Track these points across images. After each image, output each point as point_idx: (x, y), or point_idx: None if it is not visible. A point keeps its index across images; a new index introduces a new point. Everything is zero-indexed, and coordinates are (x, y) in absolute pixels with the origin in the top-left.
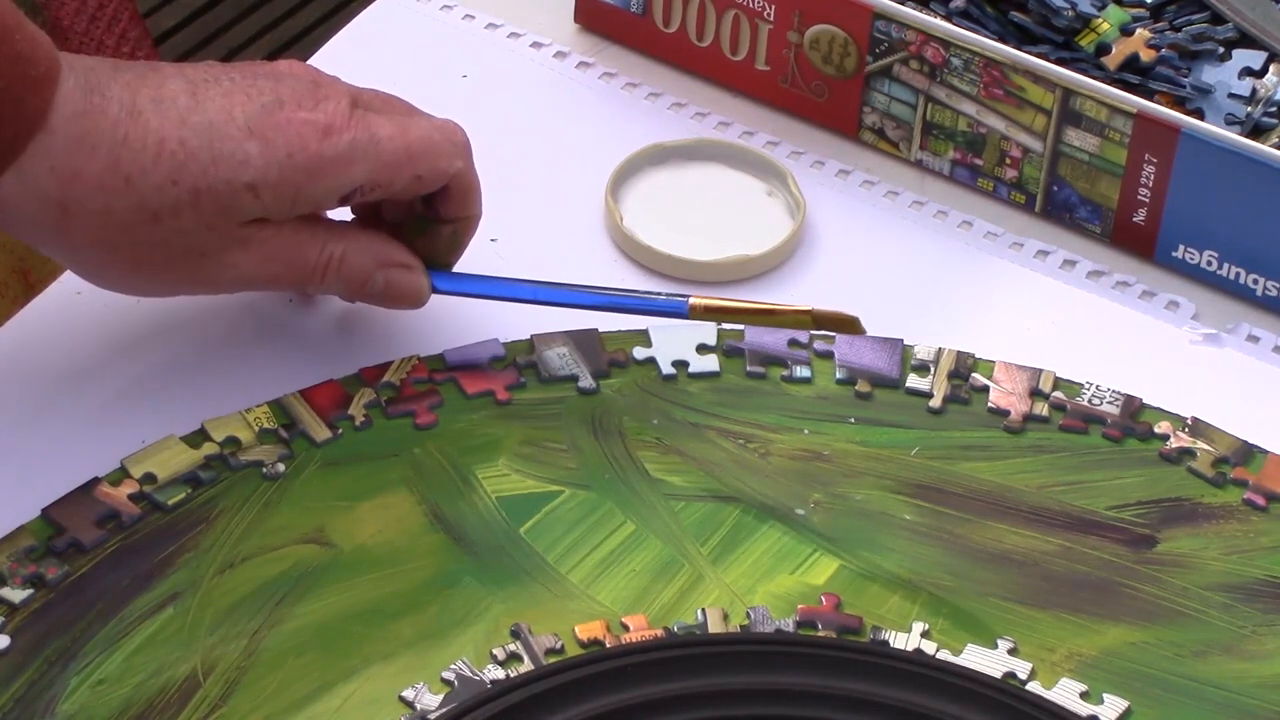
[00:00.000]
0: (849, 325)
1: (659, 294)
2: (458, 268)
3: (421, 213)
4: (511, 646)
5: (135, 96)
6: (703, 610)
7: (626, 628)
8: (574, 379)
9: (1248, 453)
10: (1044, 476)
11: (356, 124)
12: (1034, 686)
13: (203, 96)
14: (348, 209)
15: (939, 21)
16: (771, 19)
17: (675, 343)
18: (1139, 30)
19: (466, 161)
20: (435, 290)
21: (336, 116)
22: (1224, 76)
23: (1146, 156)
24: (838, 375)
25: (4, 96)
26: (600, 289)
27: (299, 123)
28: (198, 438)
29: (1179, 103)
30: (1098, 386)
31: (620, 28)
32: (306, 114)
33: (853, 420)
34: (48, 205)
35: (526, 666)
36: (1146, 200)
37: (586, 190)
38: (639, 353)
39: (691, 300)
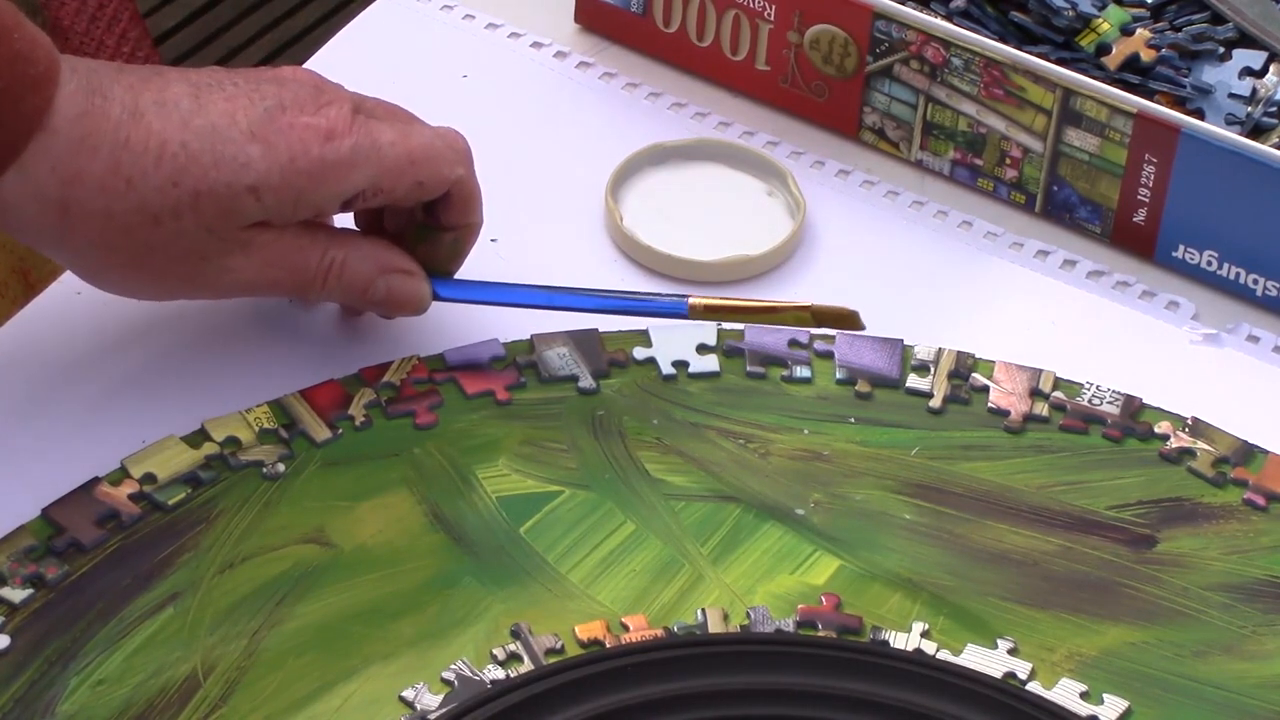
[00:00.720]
0: (849, 320)
1: (659, 295)
2: (459, 275)
3: (423, 220)
4: (511, 646)
5: (138, 99)
6: (703, 610)
7: (626, 628)
8: (574, 379)
9: (1248, 453)
10: (1044, 476)
11: (359, 129)
12: (1034, 686)
13: (205, 100)
14: (352, 218)
15: (939, 21)
16: (771, 19)
17: (675, 343)
18: (1139, 30)
19: (468, 169)
20: (437, 298)
21: (339, 121)
22: (1224, 76)
23: (1146, 156)
24: (838, 375)
25: (3, 96)
26: (600, 292)
27: (301, 127)
28: (198, 438)
29: (1179, 103)
30: (1098, 386)
31: (620, 28)
32: (309, 119)
33: (853, 420)
34: (48, 206)
35: (526, 666)
36: (1146, 200)
37: (586, 190)
38: (639, 353)
39: (691, 300)
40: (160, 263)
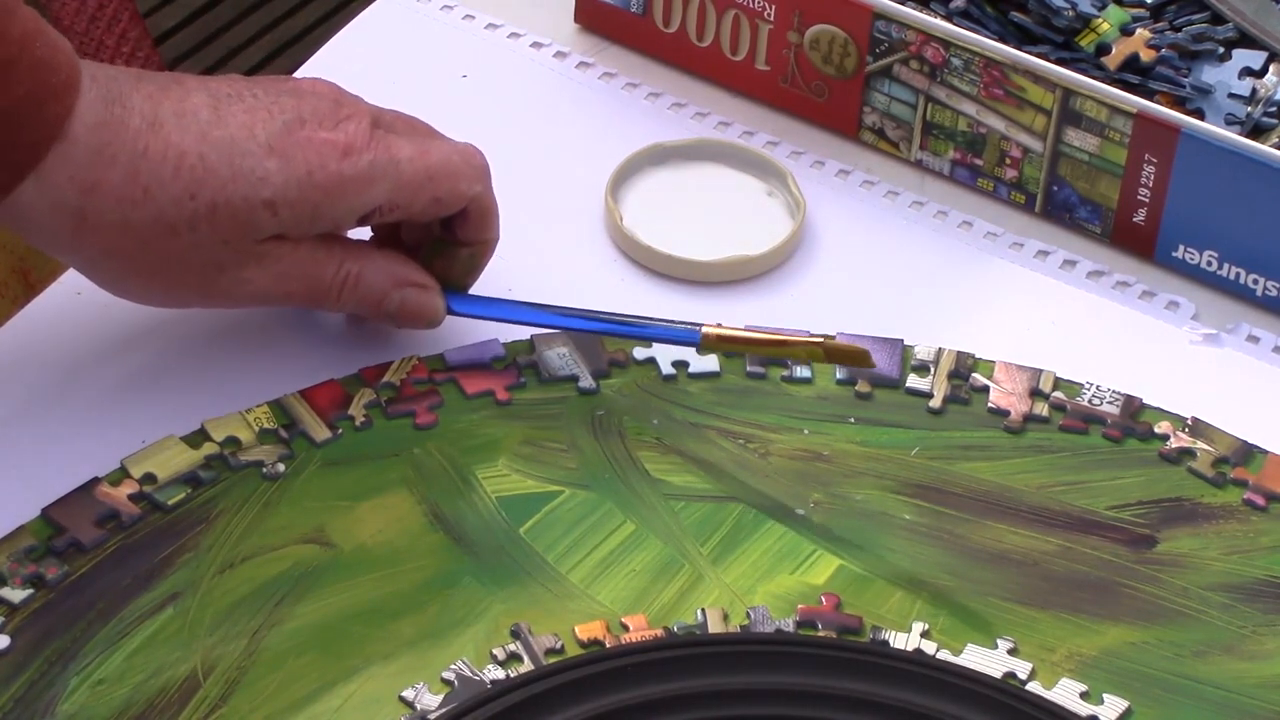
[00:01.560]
0: (859, 358)
1: (671, 322)
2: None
3: (439, 235)
4: (511, 646)
5: (157, 109)
6: (703, 610)
7: (626, 628)
8: (574, 379)
9: (1248, 453)
10: (1044, 476)
11: (377, 145)
12: (1034, 686)
13: (225, 112)
14: (367, 229)
15: (939, 21)
16: (771, 19)
17: None
18: (1139, 30)
19: (485, 185)
20: (451, 312)
21: (357, 137)
22: (1224, 76)
23: (1146, 156)
24: (838, 375)
25: (25, 103)
26: (612, 316)
27: (319, 142)
28: (198, 438)
29: (1179, 103)
30: (1098, 386)
31: (620, 28)
32: (327, 133)
33: (853, 420)
34: (66, 214)
35: (526, 666)
36: (1146, 200)
37: (586, 190)
38: (639, 353)
39: (704, 330)
40: (175, 273)
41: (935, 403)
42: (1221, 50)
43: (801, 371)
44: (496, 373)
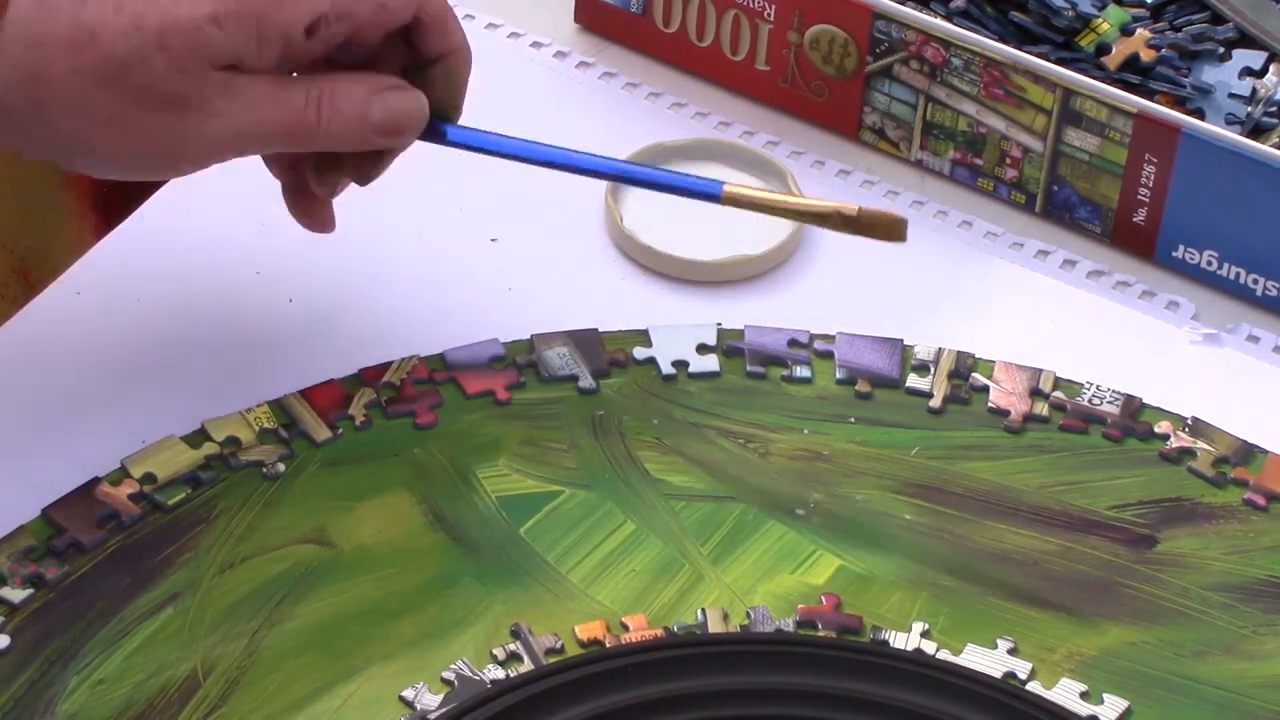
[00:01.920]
0: (893, 227)
1: (691, 175)
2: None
3: (407, 60)
4: (511, 646)
5: None
6: (703, 610)
7: (626, 628)
8: (574, 379)
9: (1248, 453)
10: (1044, 476)
11: None
12: (1034, 686)
13: None
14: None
15: (939, 21)
16: (771, 19)
17: (675, 343)
18: (1139, 30)
19: None
20: (447, 141)
21: None
22: (1224, 76)
23: (1146, 156)
24: (838, 375)
25: None
26: (616, 160)
27: None
28: (198, 438)
29: (1179, 103)
30: (1098, 386)
31: (620, 28)
32: None
33: (853, 420)
34: (19, 79)
35: (526, 666)
36: (1146, 200)
37: (586, 190)
38: (639, 353)
39: (726, 187)
40: (146, 119)
41: (935, 402)
42: (1221, 50)
43: (801, 371)
44: (496, 372)
